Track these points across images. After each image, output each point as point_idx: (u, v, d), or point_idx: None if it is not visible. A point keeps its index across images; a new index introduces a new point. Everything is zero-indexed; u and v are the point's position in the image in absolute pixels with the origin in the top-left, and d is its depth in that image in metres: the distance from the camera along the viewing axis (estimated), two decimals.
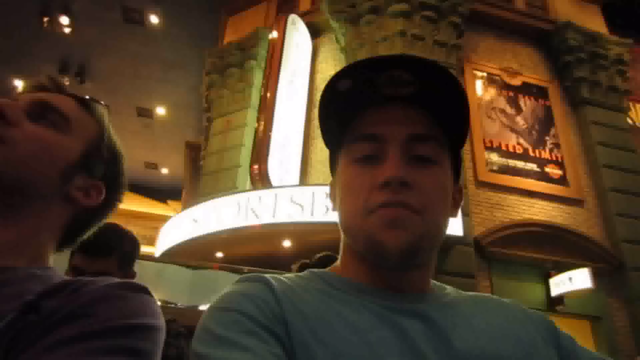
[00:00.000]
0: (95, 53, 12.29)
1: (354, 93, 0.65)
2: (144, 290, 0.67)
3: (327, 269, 0.69)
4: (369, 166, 0.63)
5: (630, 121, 9.12)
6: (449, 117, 0.66)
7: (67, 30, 11.22)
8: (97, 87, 12.85)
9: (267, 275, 0.62)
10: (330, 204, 0.73)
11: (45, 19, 10.84)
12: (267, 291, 0.58)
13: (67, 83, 12.10)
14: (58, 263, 0.76)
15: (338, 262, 0.70)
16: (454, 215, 0.69)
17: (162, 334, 0.65)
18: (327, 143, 0.73)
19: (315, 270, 0.68)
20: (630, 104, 9.31)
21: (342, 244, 0.69)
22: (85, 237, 0.81)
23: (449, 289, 0.71)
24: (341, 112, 0.67)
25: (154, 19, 11.61)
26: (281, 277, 0.63)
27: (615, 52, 9.01)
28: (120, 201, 0.85)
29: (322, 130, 0.71)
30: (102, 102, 0.83)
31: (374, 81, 0.64)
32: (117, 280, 0.65)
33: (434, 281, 0.70)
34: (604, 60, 8.86)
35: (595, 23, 9.76)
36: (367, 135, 0.65)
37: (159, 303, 0.69)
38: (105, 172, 0.80)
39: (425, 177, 0.62)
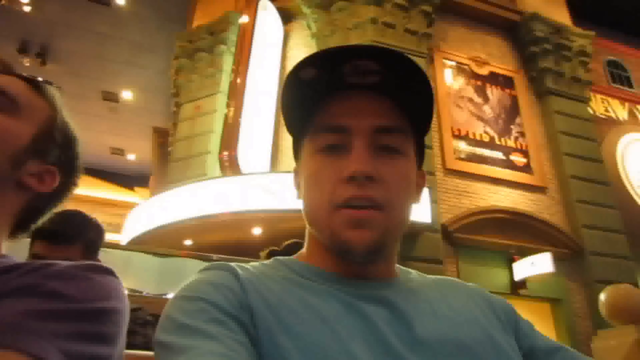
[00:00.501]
0: (58, 33, 11.81)
1: (318, 81, 0.64)
2: (109, 272, 0.66)
3: (293, 257, 0.69)
4: (334, 157, 0.63)
5: (591, 111, 9.43)
6: (414, 106, 0.67)
7: (27, 8, 10.74)
8: (60, 69, 12.39)
9: (232, 264, 0.61)
10: (295, 192, 0.73)
11: None
12: (233, 279, 0.58)
13: (27, 64, 11.67)
14: (16, 253, 0.74)
15: (304, 249, 0.70)
16: (417, 201, 0.70)
17: (125, 316, 0.64)
18: (290, 130, 0.72)
19: (281, 258, 0.68)
20: (592, 94, 9.62)
21: (307, 232, 0.69)
22: (39, 223, 0.79)
23: (413, 273, 0.72)
24: (305, 100, 0.67)
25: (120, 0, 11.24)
26: (247, 265, 0.63)
27: (578, 43, 9.27)
28: (76, 185, 0.83)
29: (285, 118, 0.70)
30: (52, 83, 0.80)
31: (339, 70, 0.63)
32: (82, 261, 0.64)
33: (399, 266, 0.71)
34: (567, 52, 9.11)
35: (561, 15, 9.99)
36: (333, 126, 0.64)
37: (125, 291, 0.68)
38: (59, 157, 0.77)
39: (391, 169, 0.62)
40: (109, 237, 1.85)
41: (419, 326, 0.58)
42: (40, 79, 0.78)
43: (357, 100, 0.64)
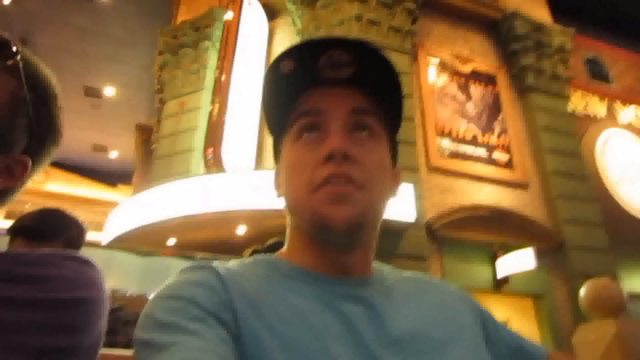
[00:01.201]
0: (38, 27, 11.58)
1: (296, 75, 0.66)
2: (84, 261, 0.64)
3: (274, 255, 0.70)
4: (311, 143, 0.64)
5: (571, 107, 9.57)
6: (386, 100, 0.69)
7: (6, 1, 10.51)
8: None
9: (213, 263, 0.61)
10: (276, 192, 0.74)
11: None
12: (214, 278, 0.58)
13: None
14: None
15: (285, 247, 0.71)
16: (393, 195, 0.71)
17: (100, 306, 0.63)
18: (271, 129, 0.73)
19: (261, 256, 0.69)
20: (572, 90, 9.76)
21: (288, 229, 0.70)
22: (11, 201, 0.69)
23: (386, 269, 0.73)
24: (283, 96, 0.68)
25: None
26: (227, 264, 0.64)
27: (558, 41, 9.40)
28: (57, 145, 0.72)
29: (266, 116, 0.72)
30: (6, 39, 0.65)
31: (315, 64, 0.65)
32: (59, 250, 0.62)
33: (374, 262, 0.73)
34: (548, 49, 9.23)
35: (541, 13, 10.12)
36: (308, 109, 0.66)
37: (108, 290, 0.67)
38: (30, 136, 0.66)
39: (366, 151, 0.64)
40: (90, 235, 1.83)
41: (394, 324, 0.60)
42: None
43: (333, 91, 0.67)
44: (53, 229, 1.46)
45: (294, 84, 0.67)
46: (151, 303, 0.55)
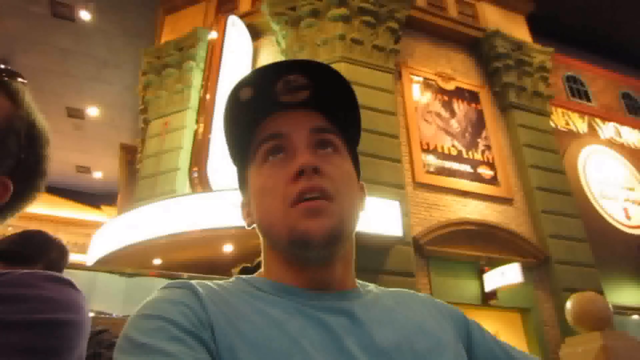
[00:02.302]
0: (20, 48, 11.53)
1: (255, 102, 0.68)
2: (66, 283, 0.63)
3: (254, 275, 0.70)
4: (279, 164, 0.65)
5: (552, 124, 9.76)
6: (344, 119, 0.71)
7: None
8: None
9: (192, 281, 0.61)
10: (245, 221, 0.73)
11: None
12: (192, 296, 0.57)
13: None
14: None
15: (262, 268, 0.71)
16: (362, 208, 0.73)
17: (82, 329, 0.61)
18: (234, 159, 0.74)
19: (242, 276, 0.69)
20: (553, 107, 9.98)
21: (263, 250, 0.70)
22: None
23: (371, 286, 0.73)
24: (244, 123, 0.70)
25: (85, 15, 11.06)
26: (207, 282, 0.63)
27: (539, 59, 9.63)
28: (39, 191, 0.73)
29: (228, 147, 0.72)
30: (19, 73, 0.69)
31: (273, 89, 0.67)
32: (37, 271, 0.61)
33: (358, 280, 0.72)
34: (529, 67, 9.45)
35: (521, 32, 10.38)
36: (271, 133, 0.67)
37: (91, 313, 0.66)
38: (16, 163, 0.67)
39: (332, 165, 0.65)
40: (74, 257, 1.80)
41: (378, 335, 0.60)
42: (2, 66, 0.68)
43: (292, 114, 0.69)
44: (34, 251, 1.44)
45: (254, 111, 0.69)
46: (129, 323, 0.54)
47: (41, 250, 1.46)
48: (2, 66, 0.68)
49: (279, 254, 0.66)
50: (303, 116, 0.68)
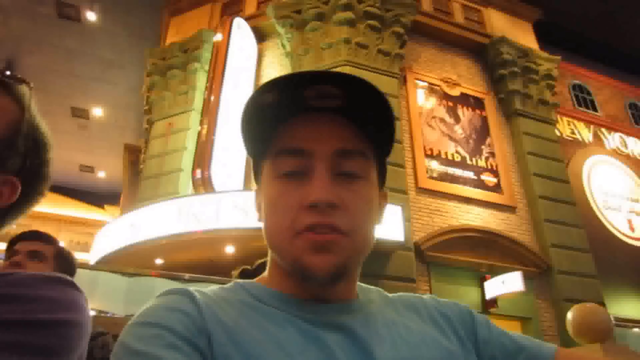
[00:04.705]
0: (26, 48, 11.60)
1: (278, 105, 0.63)
2: (69, 284, 0.63)
3: (254, 280, 0.69)
4: (294, 183, 0.62)
5: (557, 133, 9.73)
6: (376, 129, 0.66)
7: None
8: None
9: (190, 288, 0.60)
10: (257, 214, 0.72)
11: None
12: (190, 303, 0.57)
13: None
14: None
15: (266, 272, 0.70)
16: (379, 222, 0.70)
17: (78, 328, 0.62)
18: (250, 152, 0.71)
19: (241, 281, 0.68)
20: (558, 116, 9.95)
21: (269, 256, 0.69)
22: (3, 231, 0.74)
23: (374, 292, 0.72)
24: (265, 122, 0.66)
25: (90, 16, 11.13)
26: (205, 289, 0.62)
27: (545, 67, 9.60)
28: (42, 195, 0.75)
29: (244, 139, 0.69)
30: (24, 80, 0.71)
31: (301, 94, 0.63)
32: (43, 272, 0.62)
33: (360, 284, 0.71)
34: (535, 75, 9.43)
35: (527, 39, 10.37)
36: (293, 149, 0.63)
37: (92, 312, 0.65)
38: (22, 165, 0.69)
39: (352, 195, 0.61)
40: (77, 256, 1.86)
41: (378, 352, 0.58)
42: (8, 73, 0.70)
43: (318, 122, 0.64)
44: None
45: (277, 113, 0.65)
46: (126, 330, 0.54)
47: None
48: (9, 72, 0.69)
49: (282, 268, 0.65)
50: (331, 128, 0.63)
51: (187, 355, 0.50)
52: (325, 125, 0.64)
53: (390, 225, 6.10)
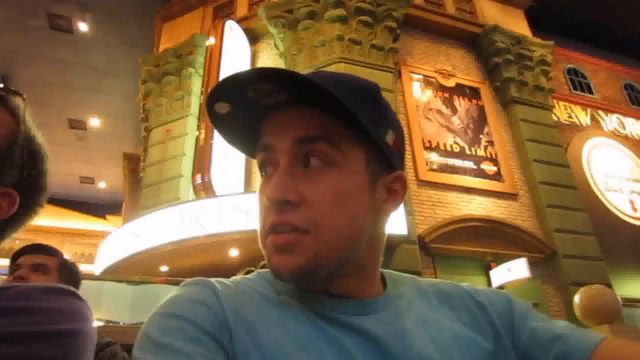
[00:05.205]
0: (19, 61, 11.59)
1: (237, 112, 0.62)
2: (70, 294, 0.63)
3: None
4: (266, 181, 0.61)
5: (555, 118, 9.72)
6: (344, 111, 0.57)
7: None
8: None
9: (212, 280, 0.60)
10: None
11: None
12: (212, 296, 0.56)
13: None
14: None
15: None
16: (392, 208, 0.65)
17: (83, 338, 0.62)
18: (248, 155, 0.69)
19: (264, 271, 0.66)
20: (554, 101, 9.94)
21: None
22: (5, 245, 0.74)
23: (407, 284, 0.69)
24: (239, 132, 0.65)
25: (82, 27, 11.12)
26: (226, 281, 0.61)
27: (539, 53, 9.59)
28: (40, 207, 0.75)
29: (233, 145, 0.68)
30: (19, 92, 0.72)
31: (247, 98, 0.60)
32: (41, 283, 0.62)
33: (392, 273, 0.69)
34: (529, 62, 9.41)
35: (520, 26, 10.35)
36: (262, 145, 0.62)
37: (98, 323, 0.66)
38: (19, 177, 0.69)
39: (317, 187, 0.57)
40: (82, 268, 1.88)
41: (402, 357, 0.56)
42: (1, 85, 0.72)
43: (285, 115, 0.60)
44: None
45: (240, 120, 0.63)
46: (149, 320, 0.54)
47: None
48: (1, 85, 0.70)
49: None
50: (295, 118, 0.59)
51: (209, 349, 0.50)
52: (290, 117, 0.60)
53: (392, 220, 6.08)
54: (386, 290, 0.65)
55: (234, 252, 6.22)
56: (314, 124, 0.59)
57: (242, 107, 0.61)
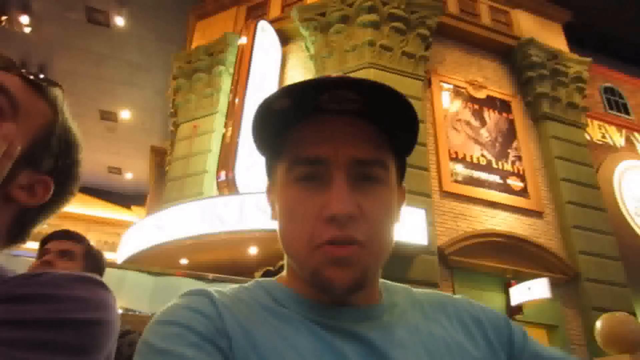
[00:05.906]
0: (56, 53, 11.95)
1: (292, 110, 0.61)
2: (97, 283, 0.65)
3: (274, 278, 0.68)
4: (311, 190, 0.59)
5: (588, 137, 9.49)
6: (397, 129, 0.63)
7: (26, 29, 10.88)
8: None
9: (210, 289, 0.61)
10: (270, 212, 0.71)
11: (3, 18, 10.48)
12: (210, 305, 0.57)
13: None
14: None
15: (284, 272, 0.69)
16: (398, 220, 0.67)
17: (107, 327, 0.63)
18: (262, 152, 0.69)
19: (262, 280, 0.67)
20: (589, 120, 9.70)
21: (285, 258, 0.67)
22: (36, 230, 0.76)
23: (400, 293, 0.69)
24: (278, 124, 0.63)
25: (119, 21, 11.40)
26: (224, 289, 0.62)
27: (575, 69, 9.38)
28: (73, 195, 0.77)
29: (255, 140, 0.66)
30: (57, 83, 0.73)
31: (315, 100, 0.60)
32: (70, 272, 0.63)
33: (386, 283, 0.69)
34: (564, 77, 9.21)
35: (557, 41, 10.14)
36: (308, 158, 0.60)
37: (119, 310, 0.67)
38: (54, 165, 0.71)
39: (372, 202, 0.59)
40: (105, 255, 1.95)
41: None
42: (42, 76, 0.72)
43: (334, 126, 0.60)
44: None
45: (291, 116, 0.62)
46: (148, 328, 0.55)
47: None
48: (42, 76, 0.71)
49: (298, 273, 0.64)
50: (347, 132, 0.60)
51: (210, 354, 0.51)
52: (342, 129, 0.60)
53: (413, 229, 6.04)
54: (381, 299, 0.66)
55: (252, 250, 6.26)
56: (372, 142, 0.61)
57: (295, 108, 0.61)
